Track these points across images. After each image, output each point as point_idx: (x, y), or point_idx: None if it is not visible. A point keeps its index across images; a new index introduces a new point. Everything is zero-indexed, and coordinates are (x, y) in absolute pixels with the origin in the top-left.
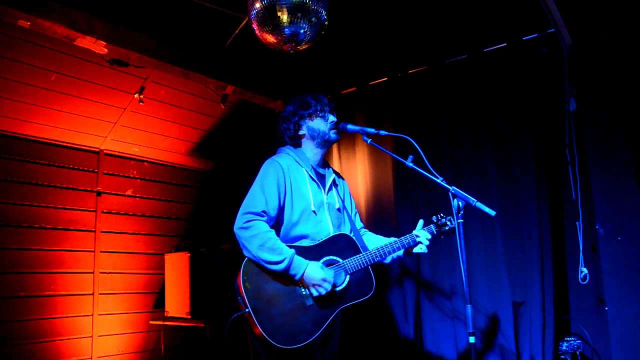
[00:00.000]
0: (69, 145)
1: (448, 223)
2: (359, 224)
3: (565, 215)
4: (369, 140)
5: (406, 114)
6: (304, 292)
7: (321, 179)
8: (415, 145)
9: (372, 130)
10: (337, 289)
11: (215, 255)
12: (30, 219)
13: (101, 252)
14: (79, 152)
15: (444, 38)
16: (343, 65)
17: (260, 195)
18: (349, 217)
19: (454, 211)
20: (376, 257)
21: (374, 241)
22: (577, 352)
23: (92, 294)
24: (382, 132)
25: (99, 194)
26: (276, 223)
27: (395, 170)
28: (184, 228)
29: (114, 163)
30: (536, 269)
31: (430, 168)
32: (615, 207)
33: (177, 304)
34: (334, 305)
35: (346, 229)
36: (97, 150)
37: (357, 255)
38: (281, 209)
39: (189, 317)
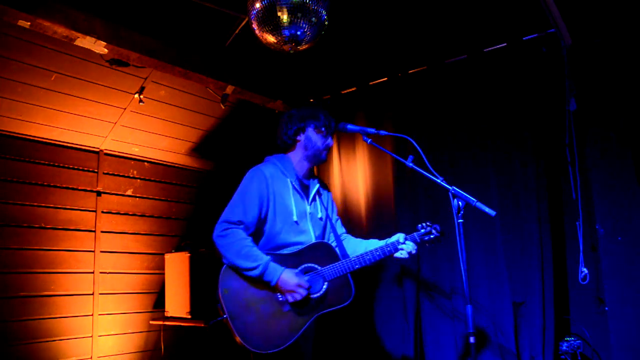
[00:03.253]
0: (69, 145)
1: (433, 231)
2: (340, 230)
3: (565, 215)
4: (369, 140)
5: (406, 114)
6: (281, 299)
7: (305, 189)
8: (415, 145)
9: (372, 130)
10: (315, 295)
11: (215, 255)
12: (30, 219)
13: (101, 252)
14: (79, 152)
15: (444, 38)
16: (343, 65)
17: (240, 204)
18: (332, 225)
19: (454, 211)
20: (356, 264)
21: (355, 247)
22: (577, 352)
23: (92, 294)
24: (382, 132)
25: (99, 194)
26: (258, 232)
27: (395, 170)
28: (184, 228)
29: (114, 163)
30: (536, 269)
31: (430, 168)
32: (615, 207)
33: (177, 304)
34: (311, 312)
35: (329, 238)
36: (97, 150)
37: (336, 263)
38: (263, 219)
39: (189, 317)
